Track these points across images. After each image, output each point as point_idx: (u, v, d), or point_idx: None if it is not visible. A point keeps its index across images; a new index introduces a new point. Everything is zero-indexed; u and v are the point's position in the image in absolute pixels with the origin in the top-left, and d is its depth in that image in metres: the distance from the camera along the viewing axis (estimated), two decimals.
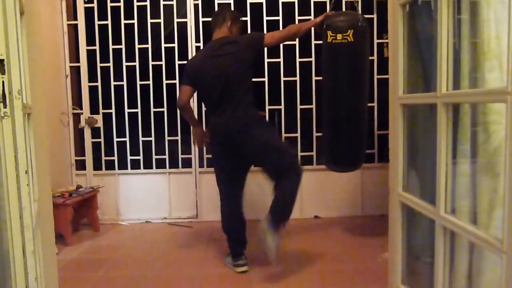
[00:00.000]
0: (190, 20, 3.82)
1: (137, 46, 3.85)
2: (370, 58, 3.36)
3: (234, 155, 2.64)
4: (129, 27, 3.83)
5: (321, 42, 3.83)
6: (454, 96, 1.30)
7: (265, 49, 3.34)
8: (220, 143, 2.67)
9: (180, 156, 3.94)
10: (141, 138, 3.93)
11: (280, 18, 3.79)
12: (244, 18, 3.59)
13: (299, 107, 3.88)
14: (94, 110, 3.93)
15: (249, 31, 3.75)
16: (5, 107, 0.93)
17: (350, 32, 2.68)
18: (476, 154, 1.39)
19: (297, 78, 3.86)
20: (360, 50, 2.79)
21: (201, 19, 3.81)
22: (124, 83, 3.88)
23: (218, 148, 2.71)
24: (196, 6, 3.81)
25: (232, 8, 3.60)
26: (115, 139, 3.93)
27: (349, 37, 2.68)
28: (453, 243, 1.40)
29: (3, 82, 0.93)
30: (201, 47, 3.82)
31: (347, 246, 3.15)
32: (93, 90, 3.91)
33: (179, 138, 3.92)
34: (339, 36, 2.71)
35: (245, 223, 2.77)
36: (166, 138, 3.92)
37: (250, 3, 3.79)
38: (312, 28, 3.00)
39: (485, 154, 1.35)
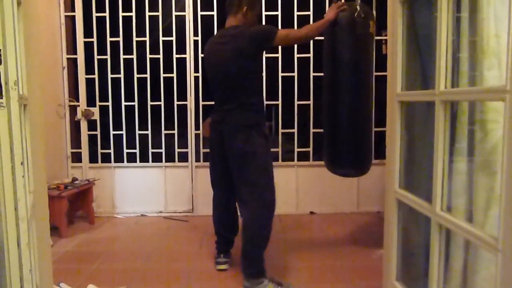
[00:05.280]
0: (188, 13, 3.80)
1: (135, 38, 3.83)
2: None
3: (222, 155, 2.50)
4: (127, 20, 3.81)
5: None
6: (452, 94, 1.30)
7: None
8: (213, 140, 2.57)
9: (177, 150, 3.93)
10: (137, 131, 3.92)
11: (279, 13, 3.78)
12: None
13: (296, 102, 3.88)
14: (90, 102, 3.91)
15: None
16: (1, 97, 0.92)
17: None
18: (473, 152, 1.39)
19: (295, 74, 3.86)
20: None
21: (199, 13, 3.79)
22: (122, 75, 3.87)
23: (212, 144, 2.61)
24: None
25: None
26: (112, 132, 3.92)
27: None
28: (448, 241, 1.40)
29: None
30: (199, 41, 3.81)
31: (342, 242, 3.15)
32: (90, 83, 3.89)
33: (175, 132, 3.91)
34: (373, 27, 2.65)
35: (234, 224, 2.71)
36: (163, 131, 3.92)
37: None
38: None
39: (482, 152, 1.35)
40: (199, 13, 3.80)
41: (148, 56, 3.84)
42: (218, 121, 2.50)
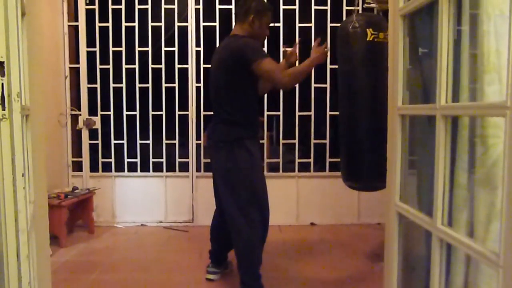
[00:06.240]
0: (191, 24, 3.83)
1: (137, 49, 3.85)
2: None
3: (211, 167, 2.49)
4: (130, 30, 3.84)
5: None
6: (453, 108, 1.30)
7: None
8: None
9: (178, 160, 3.93)
10: (138, 141, 3.92)
11: (281, 24, 3.80)
12: None
13: (297, 113, 3.89)
14: (92, 111, 3.92)
15: None
16: (3, 109, 0.92)
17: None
18: (474, 166, 1.38)
19: (296, 85, 3.87)
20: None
21: (202, 24, 3.82)
22: (123, 85, 3.88)
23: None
24: (197, 10, 3.82)
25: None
26: (113, 141, 3.92)
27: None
28: (449, 255, 1.39)
29: (2, 84, 0.92)
30: (201, 52, 3.83)
31: (343, 254, 3.14)
32: (92, 92, 3.91)
33: (176, 141, 3.92)
34: (381, 35, 2.44)
35: (225, 240, 2.59)
36: (164, 141, 3.92)
37: None
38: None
39: (483, 167, 1.35)
40: (202, 24, 3.82)
41: (150, 66, 3.87)
42: (208, 136, 2.47)
